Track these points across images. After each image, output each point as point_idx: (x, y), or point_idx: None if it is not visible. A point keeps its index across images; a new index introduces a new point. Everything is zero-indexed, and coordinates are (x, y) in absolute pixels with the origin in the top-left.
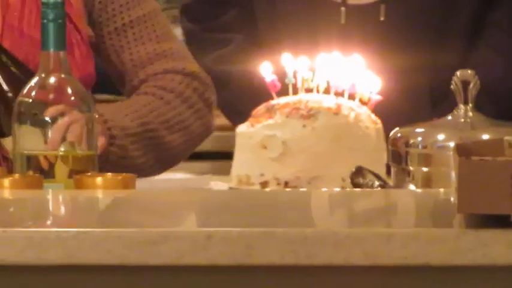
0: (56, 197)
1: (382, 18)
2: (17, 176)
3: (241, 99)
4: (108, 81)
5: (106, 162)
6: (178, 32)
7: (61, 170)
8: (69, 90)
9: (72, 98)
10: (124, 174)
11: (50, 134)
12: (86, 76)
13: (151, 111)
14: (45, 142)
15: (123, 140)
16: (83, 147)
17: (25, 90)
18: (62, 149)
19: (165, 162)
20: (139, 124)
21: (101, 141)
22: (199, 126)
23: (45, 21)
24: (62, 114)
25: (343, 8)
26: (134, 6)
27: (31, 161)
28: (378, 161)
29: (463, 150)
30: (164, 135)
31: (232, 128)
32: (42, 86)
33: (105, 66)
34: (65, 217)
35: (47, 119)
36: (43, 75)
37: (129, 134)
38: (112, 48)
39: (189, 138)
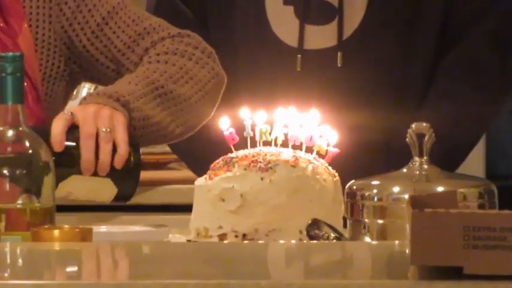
0: (13, 250)
1: (339, 65)
2: None
3: (202, 151)
4: None
5: (135, 131)
6: None
7: (19, 222)
8: (27, 143)
9: (30, 150)
10: (81, 227)
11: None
12: (39, 121)
13: (152, 72)
14: (4, 194)
15: (136, 103)
16: (41, 199)
17: None
18: (20, 201)
19: (186, 118)
20: (144, 85)
21: (120, 117)
22: (206, 74)
23: (3, 74)
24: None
25: (299, 56)
26: (102, 4)
27: None
28: (335, 213)
29: (416, 203)
30: (174, 89)
31: (191, 181)
32: (0, 139)
33: (99, 78)
34: (22, 269)
35: (6, 172)
36: (1, 128)
37: (138, 96)
38: (97, 52)
39: (200, 87)
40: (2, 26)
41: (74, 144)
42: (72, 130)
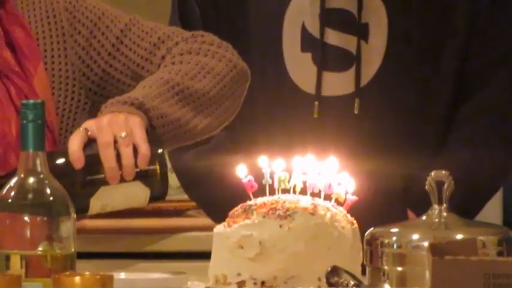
0: None
1: (356, 112)
2: None
3: (220, 198)
4: None
5: (156, 131)
6: None
7: (40, 269)
8: (48, 191)
9: (51, 198)
10: (102, 273)
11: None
12: None
13: (167, 73)
14: (25, 241)
15: (151, 103)
16: (61, 246)
17: (4, 191)
18: (41, 248)
19: (207, 112)
20: (159, 85)
21: (136, 120)
22: (223, 67)
23: (24, 121)
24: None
25: (316, 102)
26: (114, 24)
27: (10, 260)
28: (354, 260)
29: (436, 250)
30: (191, 85)
31: (210, 228)
32: (21, 186)
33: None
34: None
35: (26, 219)
36: (22, 175)
37: (153, 97)
38: (117, 72)
39: (218, 80)
40: (17, 70)
41: (94, 156)
42: (91, 144)
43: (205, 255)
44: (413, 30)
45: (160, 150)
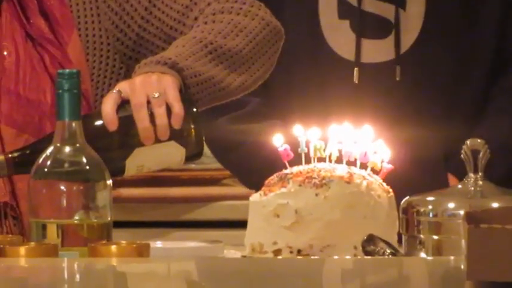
0: (71, 265)
1: (397, 79)
2: (32, 244)
3: (256, 166)
4: None
5: (190, 90)
6: None
7: (76, 238)
8: (84, 160)
9: (87, 167)
10: (138, 242)
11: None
12: None
13: (200, 32)
14: (61, 210)
15: (185, 62)
16: (97, 215)
17: (40, 160)
18: (77, 217)
19: (241, 70)
20: (192, 44)
21: (168, 80)
22: (256, 25)
23: (60, 91)
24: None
25: (356, 68)
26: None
27: (46, 229)
28: (390, 229)
29: (472, 219)
30: (224, 43)
31: (246, 197)
32: (57, 155)
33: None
34: (80, 285)
35: (63, 187)
36: (58, 144)
37: (186, 55)
38: (151, 35)
39: (251, 38)
40: (51, 38)
41: (128, 118)
42: (124, 106)
43: (241, 224)
44: None
45: (194, 109)
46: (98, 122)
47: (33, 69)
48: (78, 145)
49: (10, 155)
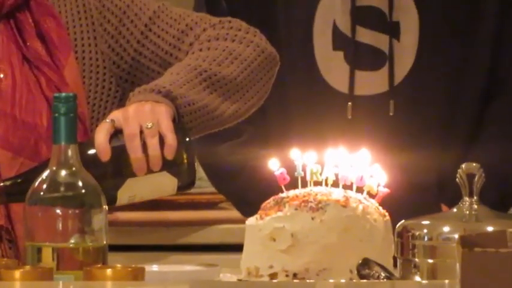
0: None
1: (391, 113)
2: (27, 267)
3: (252, 191)
4: None
5: (184, 119)
6: None
7: (71, 261)
8: (80, 183)
9: (83, 190)
10: (134, 266)
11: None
12: None
13: (194, 60)
14: (56, 234)
15: (179, 90)
16: (93, 238)
17: (36, 184)
18: (73, 241)
19: (235, 98)
20: (186, 72)
21: (162, 109)
22: (251, 52)
23: (56, 114)
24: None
25: (349, 103)
26: (143, 12)
27: (42, 253)
28: (385, 252)
29: (466, 242)
30: (218, 71)
31: (242, 221)
32: (53, 179)
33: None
34: None
35: (58, 211)
36: (54, 168)
37: (181, 84)
38: (146, 59)
39: (245, 66)
40: (47, 61)
41: (120, 148)
42: (117, 135)
43: (237, 248)
44: (444, 28)
45: (187, 139)
46: (91, 151)
47: (29, 92)
48: (74, 169)
49: (2, 184)
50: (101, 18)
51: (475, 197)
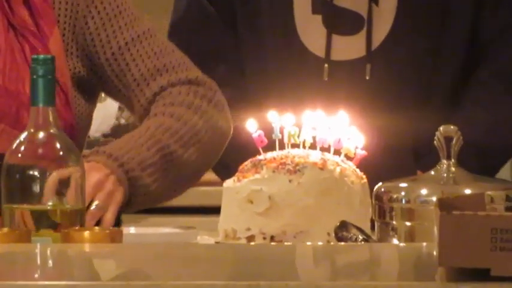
0: (44, 251)
1: (367, 77)
2: (5, 229)
3: (229, 154)
4: None
5: (129, 206)
6: None
7: (49, 224)
8: (58, 145)
9: (61, 152)
10: (111, 228)
11: (38, 188)
12: (67, 124)
13: (164, 132)
14: (34, 196)
15: (144, 179)
16: (71, 201)
17: (14, 146)
18: (50, 203)
19: (184, 182)
20: (156, 151)
21: (117, 198)
22: (212, 135)
23: (34, 76)
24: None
25: (326, 65)
26: (128, 29)
27: (20, 215)
28: (363, 215)
29: (444, 205)
30: (181, 154)
31: (220, 183)
32: (31, 141)
33: (111, 95)
34: (53, 271)
35: (36, 173)
36: (32, 130)
37: (146, 166)
38: (113, 73)
39: (204, 150)
40: (33, 30)
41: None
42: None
43: (214, 210)
44: None
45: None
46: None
47: (13, 59)
48: (52, 131)
49: None
50: (86, 11)
51: (453, 160)
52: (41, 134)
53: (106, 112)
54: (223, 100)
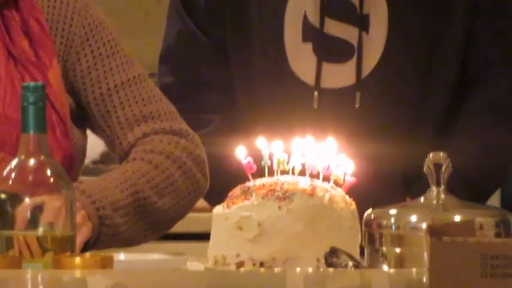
0: (35, 277)
1: (357, 105)
2: None
3: (218, 181)
4: None
5: (96, 244)
6: None
7: (40, 250)
8: (49, 172)
9: (52, 179)
10: (102, 254)
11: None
12: (67, 155)
13: (141, 177)
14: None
15: (114, 219)
16: (61, 227)
17: (5, 173)
18: (41, 229)
19: (156, 229)
20: (129, 194)
21: (84, 232)
22: (188, 187)
23: (25, 104)
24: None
25: (315, 93)
26: (118, 71)
27: (10, 242)
28: (352, 242)
29: (434, 232)
30: (155, 201)
31: (209, 209)
32: (22, 168)
33: (95, 133)
34: None
35: (27, 200)
36: (23, 157)
37: (119, 207)
38: (99, 113)
39: (179, 200)
40: (33, 60)
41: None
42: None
43: (203, 237)
44: (413, 22)
45: None
46: None
47: (13, 89)
48: (42, 158)
49: None
50: (80, 48)
51: (442, 187)
52: (32, 161)
53: (95, 139)
54: (204, 155)
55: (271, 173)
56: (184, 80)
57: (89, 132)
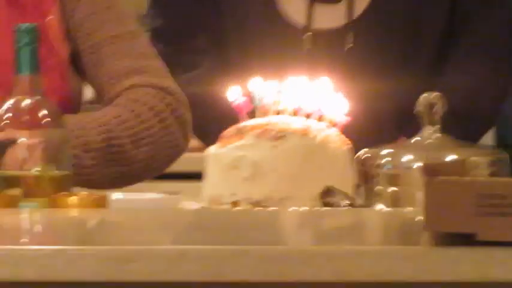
0: (31, 216)
1: (350, 45)
2: None
3: (212, 121)
4: None
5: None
6: None
7: (37, 189)
8: (43, 112)
9: (47, 119)
10: (98, 194)
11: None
12: (64, 97)
13: (120, 123)
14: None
15: (82, 160)
16: (58, 166)
17: (1, 112)
18: (38, 169)
19: (125, 178)
20: (104, 138)
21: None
22: (166, 143)
23: (18, 45)
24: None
25: (307, 34)
26: (113, 24)
27: (7, 181)
28: (346, 181)
29: (429, 171)
30: (129, 150)
31: (203, 149)
32: (16, 108)
33: (87, 81)
34: (41, 235)
35: (24, 139)
36: (19, 97)
37: (90, 149)
38: (90, 62)
39: (153, 154)
40: (34, 3)
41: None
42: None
43: (195, 176)
44: None
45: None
46: None
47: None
48: (37, 98)
49: None
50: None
51: (437, 126)
52: (27, 102)
53: None
54: (189, 117)
55: (264, 113)
56: (174, 22)
57: None
